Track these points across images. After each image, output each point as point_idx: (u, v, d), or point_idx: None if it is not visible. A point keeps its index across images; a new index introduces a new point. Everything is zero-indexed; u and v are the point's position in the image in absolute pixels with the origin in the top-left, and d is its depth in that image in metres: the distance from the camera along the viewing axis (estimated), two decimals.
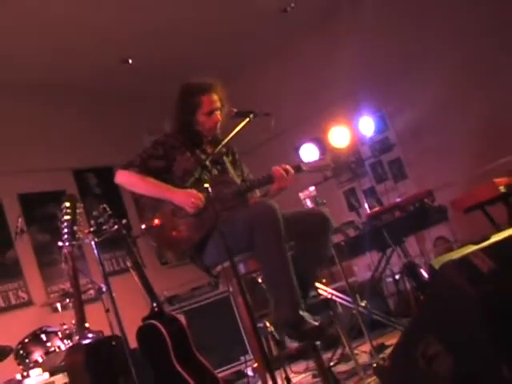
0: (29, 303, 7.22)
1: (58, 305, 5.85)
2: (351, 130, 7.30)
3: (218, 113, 4.05)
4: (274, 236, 3.57)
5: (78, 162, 8.22)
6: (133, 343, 3.94)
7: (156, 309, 3.96)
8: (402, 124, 7.83)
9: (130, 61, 7.86)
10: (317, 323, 3.63)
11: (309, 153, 7.34)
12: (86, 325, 3.83)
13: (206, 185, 3.60)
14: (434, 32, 7.60)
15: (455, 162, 7.42)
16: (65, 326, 5.62)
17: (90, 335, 3.86)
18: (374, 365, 4.36)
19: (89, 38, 7.23)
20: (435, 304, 2.66)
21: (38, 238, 7.46)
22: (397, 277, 7.34)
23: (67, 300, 5.71)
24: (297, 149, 7.41)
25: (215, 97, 4.07)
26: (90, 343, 3.76)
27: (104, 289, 5.39)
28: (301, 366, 5.82)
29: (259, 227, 3.59)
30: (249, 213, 3.73)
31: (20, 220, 6.09)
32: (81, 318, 3.81)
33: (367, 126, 7.43)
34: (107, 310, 5.42)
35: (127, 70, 8.00)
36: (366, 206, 7.97)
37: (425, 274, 6.13)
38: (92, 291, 5.99)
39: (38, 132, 7.94)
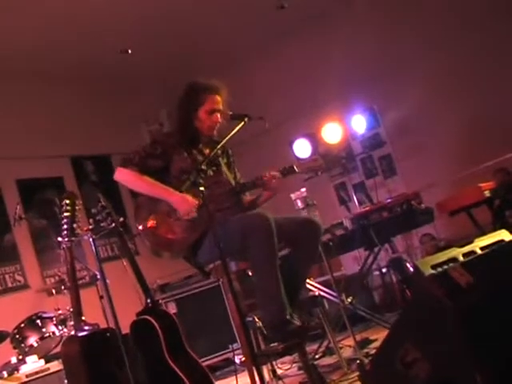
0: (25, 286, 7.37)
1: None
2: (343, 127, 7.44)
3: (218, 114, 4.16)
4: (267, 247, 3.72)
5: (76, 149, 8.33)
6: (125, 329, 4.11)
7: (150, 304, 4.11)
8: (392, 122, 7.93)
9: (130, 51, 7.93)
10: (300, 323, 3.81)
11: (302, 148, 7.49)
12: (83, 318, 3.97)
13: (202, 188, 3.76)
14: (424, 32, 7.70)
15: (443, 162, 7.55)
16: (59, 311, 5.77)
17: (86, 328, 4.01)
18: (358, 361, 4.55)
19: (91, 27, 7.31)
20: (415, 313, 2.80)
21: (35, 223, 7.58)
22: (383, 270, 7.53)
23: (62, 287, 5.87)
24: (290, 143, 7.55)
25: (219, 98, 4.17)
26: (85, 335, 3.89)
27: (98, 276, 5.53)
28: (287, 357, 5.97)
29: (253, 237, 3.73)
30: (244, 221, 3.84)
31: (18, 207, 6.25)
32: (77, 312, 3.92)
33: (359, 123, 7.58)
34: (101, 297, 5.60)
35: (127, 60, 8.07)
36: (355, 200, 8.16)
37: (411, 269, 6.29)
38: (87, 277, 6.15)
39: (38, 119, 8.04)
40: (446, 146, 7.58)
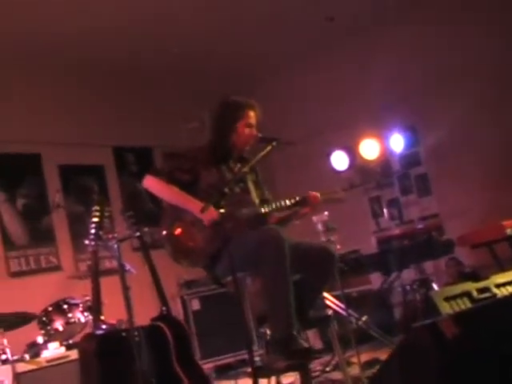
0: (58, 268, 7.65)
1: None
2: (381, 144, 7.53)
3: (254, 129, 4.32)
4: (279, 264, 3.86)
5: (119, 139, 8.56)
6: (141, 321, 4.27)
7: (165, 312, 4.32)
8: (432, 142, 7.90)
9: (176, 50, 8.08)
10: (306, 345, 3.96)
11: (339, 160, 7.61)
12: (102, 317, 4.19)
13: (222, 210, 3.93)
14: (470, 52, 7.63)
15: (478, 188, 7.51)
16: (87, 298, 5.99)
17: (104, 327, 4.21)
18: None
19: (143, 22, 7.45)
20: (404, 356, 2.96)
21: (73, 209, 7.79)
22: (407, 287, 7.56)
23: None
24: (328, 154, 7.67)
25: (254, 114, 4.34)
26: (102, 334, 4.10)
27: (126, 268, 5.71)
28: None
29: (266, 253, 3.87)
30: (258, 237, 3.97)
31: (58, 196, 6.47)
32: (97, 311, 4.14)
33: (397, 142, 7.63)
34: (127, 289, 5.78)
35: (175, 58, 8.23)
36: (386, 215, 8.22)
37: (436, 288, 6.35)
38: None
39: (84, 108, 8.27)
40: (483, 172, 7.53)
